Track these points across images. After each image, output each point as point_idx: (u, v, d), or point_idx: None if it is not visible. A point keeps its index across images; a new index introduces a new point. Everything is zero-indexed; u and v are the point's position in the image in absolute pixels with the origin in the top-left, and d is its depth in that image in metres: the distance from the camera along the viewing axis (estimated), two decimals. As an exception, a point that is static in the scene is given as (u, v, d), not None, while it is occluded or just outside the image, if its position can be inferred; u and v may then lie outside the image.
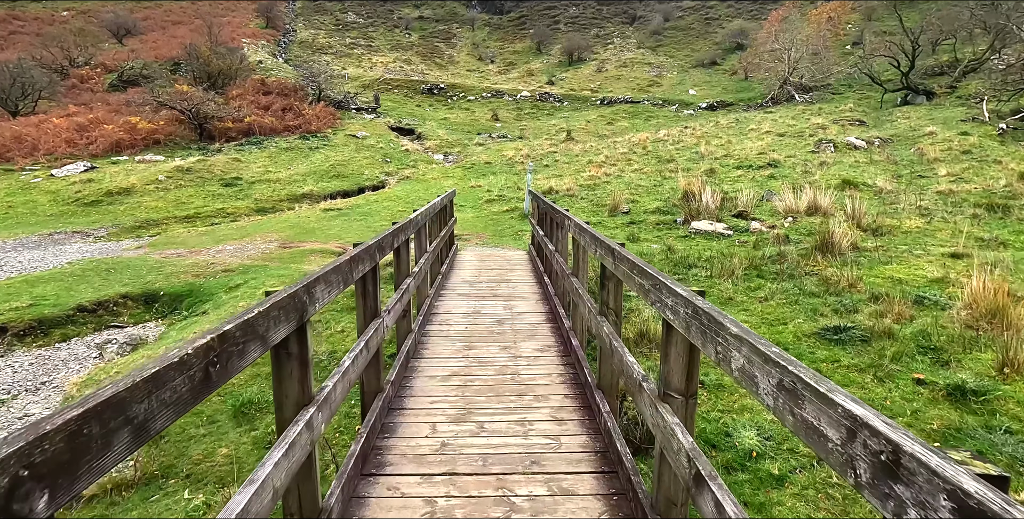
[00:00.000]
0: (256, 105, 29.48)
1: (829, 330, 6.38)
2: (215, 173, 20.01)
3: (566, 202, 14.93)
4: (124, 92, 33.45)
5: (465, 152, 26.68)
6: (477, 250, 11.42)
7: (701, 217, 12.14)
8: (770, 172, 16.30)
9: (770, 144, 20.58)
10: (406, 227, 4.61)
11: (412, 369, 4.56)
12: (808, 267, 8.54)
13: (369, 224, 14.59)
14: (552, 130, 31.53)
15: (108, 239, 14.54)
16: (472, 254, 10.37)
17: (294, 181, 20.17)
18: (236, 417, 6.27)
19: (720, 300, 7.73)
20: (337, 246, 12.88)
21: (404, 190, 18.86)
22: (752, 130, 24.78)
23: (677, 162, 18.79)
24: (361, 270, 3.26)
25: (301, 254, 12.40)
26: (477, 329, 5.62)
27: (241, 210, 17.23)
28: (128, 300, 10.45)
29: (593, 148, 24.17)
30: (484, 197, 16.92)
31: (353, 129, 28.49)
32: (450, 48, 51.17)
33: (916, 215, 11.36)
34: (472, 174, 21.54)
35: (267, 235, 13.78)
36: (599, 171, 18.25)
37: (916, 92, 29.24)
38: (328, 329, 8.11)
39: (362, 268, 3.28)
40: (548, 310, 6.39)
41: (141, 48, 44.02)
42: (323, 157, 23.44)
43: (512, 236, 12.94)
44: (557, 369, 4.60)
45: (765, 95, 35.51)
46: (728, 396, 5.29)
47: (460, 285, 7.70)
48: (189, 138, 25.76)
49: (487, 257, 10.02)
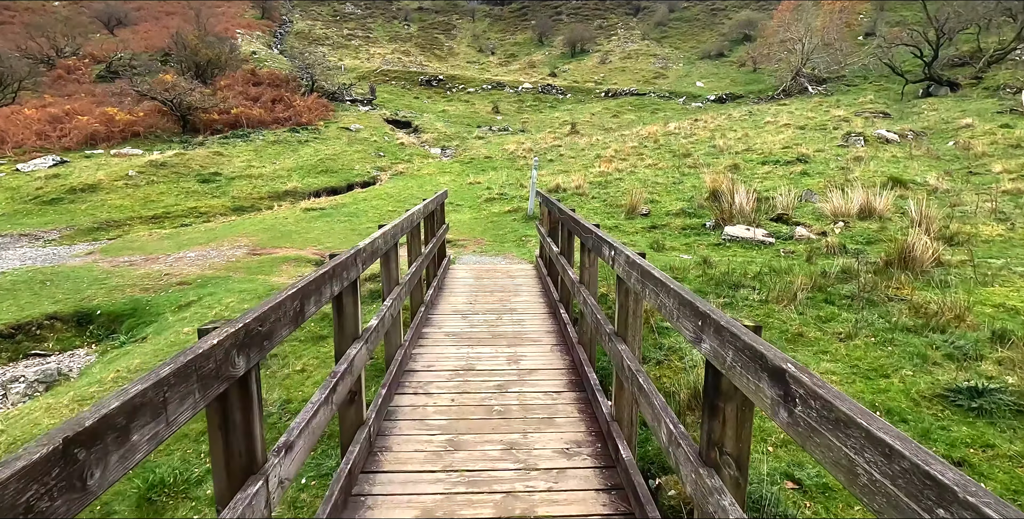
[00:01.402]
0: (244, 96, 27.48)
1: (959, 392, 4.49)
2: (192, 168, 18.08)
3: (576, 202, 13.01)
4: (112, 83, 31.47)
5: (464, 146, 24.70)
6: (474, 261, 9.51)
7: (735, 221, 10.22)
8: (801, 168, 14.36)
9: (793, 137, 18.62)
10: (346, 265, 2.71)
11: (357, 506, 2.67)
12: (890, 290, 6.63)
13: (354, 226, 12.68)
14: (555, 123, 29.55)
15: (59, 243, 12.63)
16: (467, 269, 8.44)
17: (278, 177, 18.24)
18: (140, 506, 4.47)
19: (786, 337, 5.85)
20: (314, 253, 10.98)
21: (396, 187, 16.93)
22: (768, 123, 22.79)
23: (694, 157, 16.84)
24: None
25: (272, 263, 10.51)
26: (468, 403, 3.74)
27: (216, 209, 15.31)
28: (57, 321, 8.56)
29: (600, 142, 22.20)
30: (483, 195, 14.98)
31: (346, 121, 26.51)
32: (450, 39, 49.00)
33: (992, 220, 9.44)
34: (471, 169, 19.60)
35: (237, 239, 11.88)
36: (609, 166, 16.30)
37: (939, 83, 27.22)
38: (285, 367, 6.26)
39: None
40: (570, 365, 4.49)
41: (132, 39, 41.94)
42: (312, 151, 21.50)
43: (515, 242, 11.03)
44: (598, 504, 2.71)
45: (776, 87, 33.47)
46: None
47: (450, 318, 5.79)
48: (171, 130, 23.80)
49: (485, 273, 8.09)
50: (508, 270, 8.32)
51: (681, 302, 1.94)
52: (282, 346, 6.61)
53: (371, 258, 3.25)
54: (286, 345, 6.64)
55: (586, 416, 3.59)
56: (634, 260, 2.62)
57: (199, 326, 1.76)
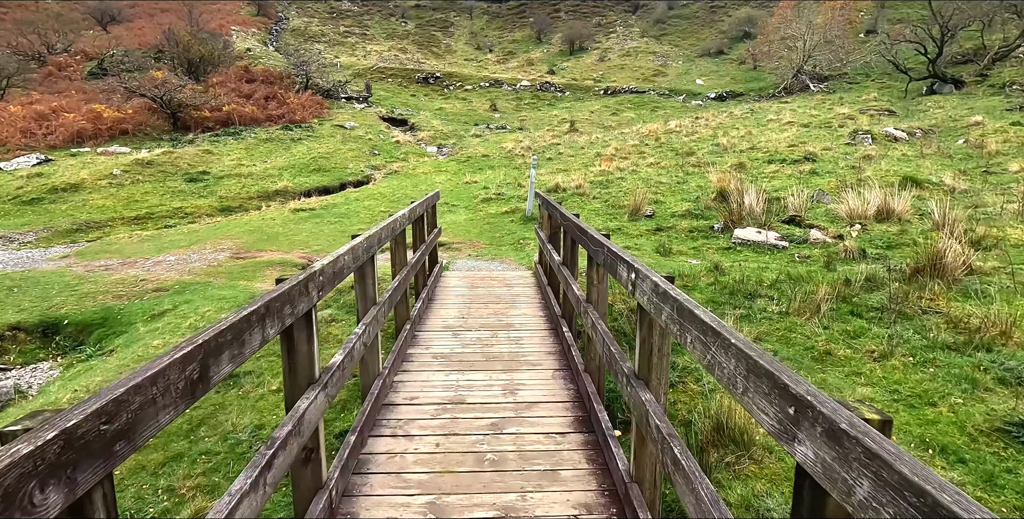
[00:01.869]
0: (237, 93, 26.78)
1: (1023, 426, 3.88)
2: (180, 166, 17.40)
3: (576, 202, 12.38)
4: (103, 80, 30.72)
5: (461, 144, 24.04)
6: (469, 267, 8.87)
7: (744, 223, 9.61)
8: (810, 167, 13.74)
9: (798, 136, 18.00)
10: (290, 298, 2.08)
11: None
12: (923, 301, 6.01)
13: (344, 228, 12.04)
14: (554, 121, 28.89)
15: (35, 245, 11.97)
16: (461, 277, 7.79)
17: (268, 176, 17.57)
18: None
19: (812, 355, 5.23)
20: (301, 256, 10.35)
21: (390, 186, 16.27)
22: (771, 120, 22.16)
23: (697, 155, 16.22)
24: None
25: (256, 267, 9.87)
26: (455, 450, 3.11)
27: (202, 209, 14.65)
28: (20, 332, 7.92)
29: (600, 140, 21.55)
30: (480, 195, 14.34)
31: (341, 119, 25.83)
32: (447, 37, 48.27)
33: (1019, 222, 8.82)
34: (468, 168, 18.95)
35: (221, 242, 11.24)
36: (610, 165, 15.67)
37: (943, 80, 26.60)
38: (260, 386, 5.64)
39: None
40: (575, 397, 3.85)
41: (126, 35, 41.15)
42: (305, 149, 20.82)
43: (512, 245, 10.39)
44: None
45: (778, 85, 32.82)
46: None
47: (439, 336, 5.14)
48: (161, 128, 23.10)
49: (480, 281, 7.44)
50: (505, 278, 7.67)
51: (754, 369, 1.31)
52: (257, 362, 5.99)
53: (333, 280, 2.62)
54: (262, 360, 6.01)
55: (597, 467, 2.96)
56: (666, 291, 1.98)
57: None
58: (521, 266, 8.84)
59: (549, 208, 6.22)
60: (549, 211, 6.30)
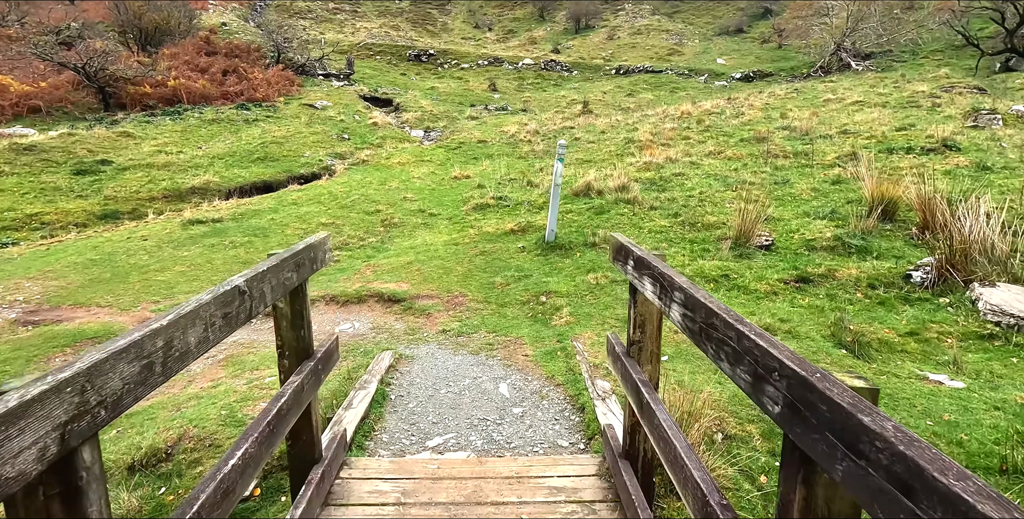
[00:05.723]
0: (191, 67, 21.44)
1: None
2: (75, 154, 12.28)
3: (625, 214, 7.31)
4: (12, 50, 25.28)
5: (453, 127, 18.84)
6: (438, 375, 3.80)
7: (976, 268, 4.58)
8: (964, 159, 8.70)
9: (892, 117, 12.90)
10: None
11: None
12: None
13: (250, 254, 7.01)
14: (563, 102, 23.66)
15: None
16: (401, 470, 2.69)
17: (193, 166, 12.45)
18: None
19: None
20: (136, 321, 5.32)
21: (348, 183, 11.16)
22: (829, 100, 17.00)
23: (773, 141, 11.13)
24: None
25: (43, 344, 4.84)
26: None
27: (71, 216, 9.59)
28: None
29: (622, 123, 16.39)
30: (472, 198, 9.26)
31: (312, 98, 20.56)
32: (443, 15, 42.53)
33: None
34: (458, 157, 13.84)
35: (22, 284, 6.18)
36: (656, 154, 10.58)
37: (1021, 55, 21.40)
38: None
39: None
40: None
41: (93, 8, 35.48)
42: (258, 132, 15.67)
43: (528, 313, 5.28)
44: None
45: (813, 63, 27.50)
46: None
47: None
48: (88, 106, 17.89)
49: (459, 504, 2.35)
50: (520, 492, 2.61)
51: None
52: None
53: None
54: None
55: None
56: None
57: None
58: (556, 390, 3.77)
59: (663, 290, 1.25)
60: (660, 299, 1.29)
